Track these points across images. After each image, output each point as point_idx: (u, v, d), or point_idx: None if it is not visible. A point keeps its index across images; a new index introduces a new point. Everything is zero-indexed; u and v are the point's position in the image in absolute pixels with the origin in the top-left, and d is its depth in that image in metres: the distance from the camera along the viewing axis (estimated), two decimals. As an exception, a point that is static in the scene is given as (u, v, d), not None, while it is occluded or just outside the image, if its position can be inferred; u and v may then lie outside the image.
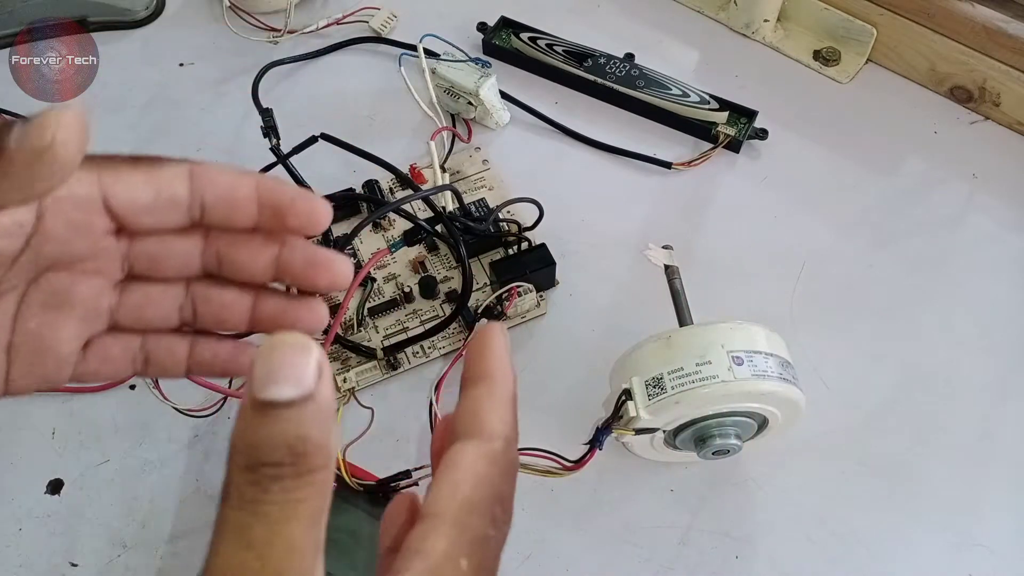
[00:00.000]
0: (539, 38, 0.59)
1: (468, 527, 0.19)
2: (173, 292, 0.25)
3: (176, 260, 0.24)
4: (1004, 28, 0.52)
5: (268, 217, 0.23)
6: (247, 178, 0.23)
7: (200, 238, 0.24)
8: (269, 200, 0.23)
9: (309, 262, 0.24)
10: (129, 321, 0.25)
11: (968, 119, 0.56)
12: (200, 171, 0.23)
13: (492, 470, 0.20)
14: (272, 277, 0.25)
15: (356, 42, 0.61)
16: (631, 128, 0.56)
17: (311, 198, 0.23)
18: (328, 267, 0.24)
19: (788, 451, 0.43)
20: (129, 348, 0.25)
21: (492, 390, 0.22)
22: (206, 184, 0.23)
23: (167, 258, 0.24)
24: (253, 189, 0.23)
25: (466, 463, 0.20)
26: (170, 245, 0.24)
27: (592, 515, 0.42)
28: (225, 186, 0.23)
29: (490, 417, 0.21)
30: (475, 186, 0.53)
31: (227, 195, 0.23)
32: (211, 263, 0.24)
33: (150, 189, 0.22)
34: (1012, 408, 0.45)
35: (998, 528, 0.41)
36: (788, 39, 0.60)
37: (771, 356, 0.37)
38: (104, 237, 0.23)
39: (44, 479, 0.43)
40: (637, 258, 0.48)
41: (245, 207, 0.23)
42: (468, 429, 0.21)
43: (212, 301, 0.25)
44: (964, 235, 0.51)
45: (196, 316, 0.25)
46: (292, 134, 0.48)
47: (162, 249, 0.24)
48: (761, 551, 0.41)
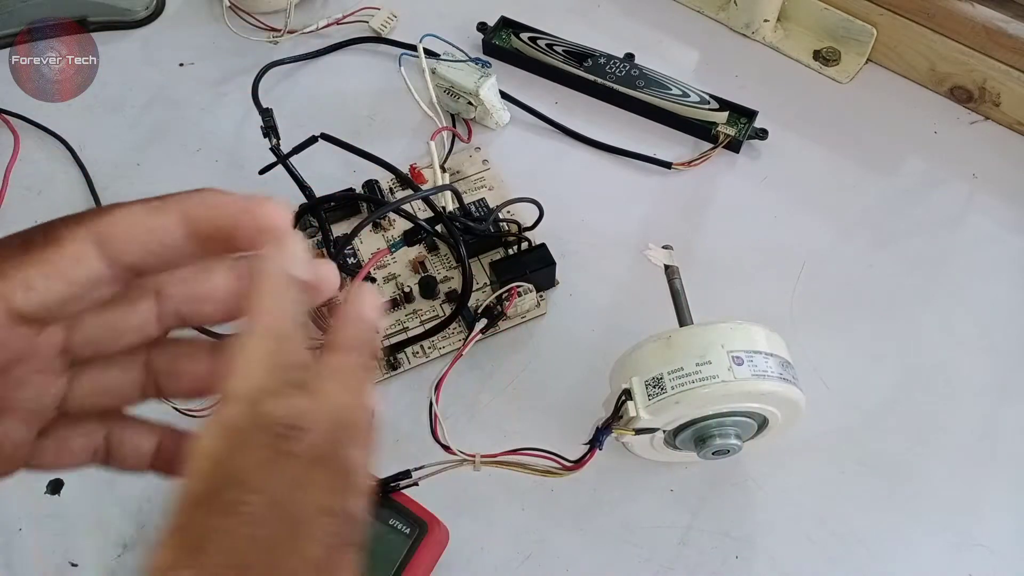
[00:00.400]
0: (539, 38, 0.59)
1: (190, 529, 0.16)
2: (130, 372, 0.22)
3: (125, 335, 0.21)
4: (1004, 28, 0.52)
5: (216, 247, 0.20)
6: (170, 215, 0.19)
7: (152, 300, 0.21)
8: (207, 229, 0.19)
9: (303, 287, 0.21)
10: (83, 407, 0.21)
11: (968, 119, 0.56)
12: (110, 233, 0.19)
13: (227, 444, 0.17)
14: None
15: (356, 42, 0.61)
16: (631, 128, 0.56)
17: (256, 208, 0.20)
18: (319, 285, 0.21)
19: (788, 451, 0.43)
20: (91, 439, 0.22)
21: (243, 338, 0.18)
22: (122, 246, 0.19)
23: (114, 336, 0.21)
24: (181, 225, 0.19)
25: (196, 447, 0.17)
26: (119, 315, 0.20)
27: (592, 515, 0.42)
28: (146, 238, 0.19)
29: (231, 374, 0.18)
30: (475, 186, 0.53)
31: (153, 246, 0.19)
32: (171, 322, 0.21)
33: (57, 283, 0.18)
34: (1012, 408, 0.45)
35: (998, 528, 0.41)
36: (788, 39, 0.60)
37: (771, 356, 0.37)
38: (28, 340, 0.19)
39: (44, 479, 0.43)
40: (637, 258, 0.48)
41: (180, 249, 0.19)
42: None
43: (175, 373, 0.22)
44: (964, 235, 0.51)
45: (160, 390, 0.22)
46: (292, 134, 0.48)
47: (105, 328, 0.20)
48: (761, 551, 0.41)
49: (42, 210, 0.53)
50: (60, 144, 0.56)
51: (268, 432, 0.17)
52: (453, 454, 0.38)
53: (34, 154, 0.55)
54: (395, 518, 0.38)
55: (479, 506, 0.42)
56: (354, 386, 0.20)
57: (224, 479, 0.16)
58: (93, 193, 0.53)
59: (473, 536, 0.41)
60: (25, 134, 0.56)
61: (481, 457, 0.37)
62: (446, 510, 0.39)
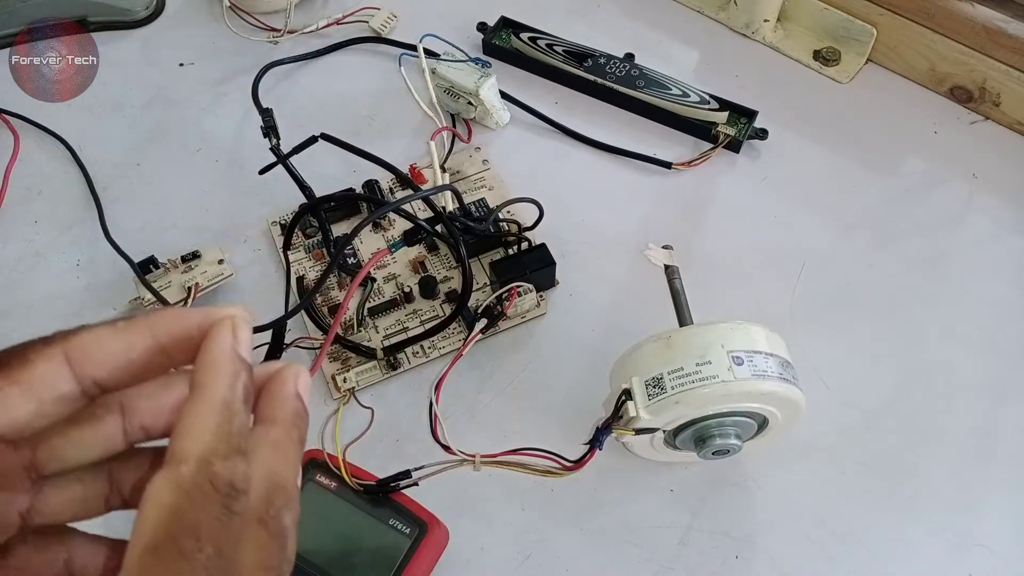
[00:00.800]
0: (539, 38, 0.59)
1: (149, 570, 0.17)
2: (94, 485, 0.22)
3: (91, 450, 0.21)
4: (1004, 28, 0.52)
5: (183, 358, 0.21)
6: (138, 331, 0.20)
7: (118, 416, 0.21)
8: (175, 344, 0.20)
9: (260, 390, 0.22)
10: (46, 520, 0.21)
11: (968, 119, 0.56)
12: (78, 351, 0.20)
13: (181, 499, 0.18)
14: None
15: (356, 42, 0.61)
16: (631, 128, 0.56)
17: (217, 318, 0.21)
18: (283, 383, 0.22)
19: (788, 451, 0.43)
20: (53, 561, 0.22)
21: (192, 403, 0.19)
22: (91, 364, 0.20)
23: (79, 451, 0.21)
24: (149, 340, 0.20)
25: (149, 500, 0.18)
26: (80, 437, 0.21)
27: (592, 515, 0.42)
28: (115, 355, 0.20)
29: (181, 436, 0.19)
30: (475, 186, 0.53)
31: (122, 363, 0.20)
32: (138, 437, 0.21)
33: (28, 402, 0.19)
34: (1012, 408, 0.45)
35: (998, 528, 0.41)
36: (788, 39, 0.60)
37: (771, 356, 0.37)
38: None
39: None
40: (637, 258, 0.48)
41: (149, 363, 0.20)
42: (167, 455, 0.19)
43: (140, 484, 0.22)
44: (964, 235, 0.51)
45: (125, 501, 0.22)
46: (292, 134, 0.48)
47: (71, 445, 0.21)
48: (761, 551, 0.41)
49: (42, 210, 0.53)
50: (60, 144, 0.56)
51: (218, 491, 0.18)
52: (453, 454, 0.38)
53: (34, 154, 0.55)
54: (395, 518, 0.38)
55: (479, 506, 0.42)
56: (287, 456, 0.21)
57: (179, 529, 0.18)
58: (93, 193, 0.53)
59: (473, 536, 0.41)
60: (25, 134, 0.56)
61: (481, 457, 0.37)
62: (446, 510, 0.39)
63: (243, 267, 0.50)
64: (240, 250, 0.51)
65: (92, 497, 0.22)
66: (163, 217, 0.52)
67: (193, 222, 0.52)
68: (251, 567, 0.19)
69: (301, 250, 0.50)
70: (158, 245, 0.49)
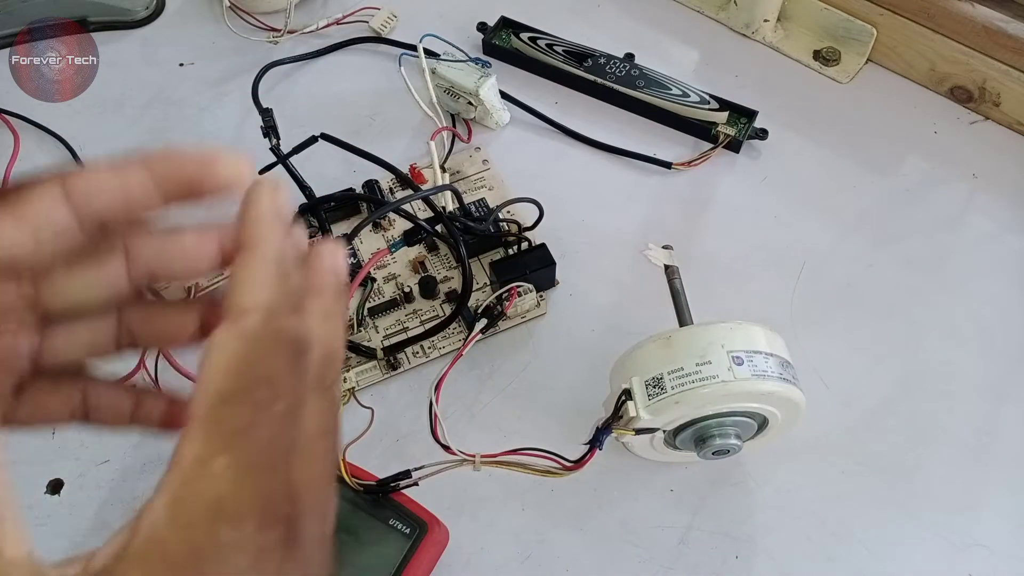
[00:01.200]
0: (539, 38, 0.59)
1: (222, 421, 0.17)
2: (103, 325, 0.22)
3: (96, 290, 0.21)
4: (1004, 28, 0.52)
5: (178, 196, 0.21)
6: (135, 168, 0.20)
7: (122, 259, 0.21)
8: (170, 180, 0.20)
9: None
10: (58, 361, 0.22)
11: (968, 119, 0.56)
12: (76, 183, 0.20)
13: (250, 349, 0.18)
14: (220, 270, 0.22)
15: (356, 42, 0.61)
16: (631, 128, 0.56)
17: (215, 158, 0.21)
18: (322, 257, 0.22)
19: (788, 451, 0.43)
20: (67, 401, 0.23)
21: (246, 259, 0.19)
22: (88, 196, 0.20)
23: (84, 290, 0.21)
24: (146, 177, 0.20)
25: (216, 350, 0.18)
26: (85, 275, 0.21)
27: (592, 515, 0.42)
28: (112, 189, 0.20)
29: (241, 289, 0.19)
30: (475, 186, 0.53)
31: (118, 197, 0.20)
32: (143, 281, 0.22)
33: (24, 231, 0.19)
34: (1012, 408, 0.45)
35: (998, 528, 0.41)
36: (788, 39, 0.60)
37: (771, 356, 0.37)
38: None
39: (44, 479, 0.43)
40: (637, 258, 0.48)
41: (145, 199, 0.20)
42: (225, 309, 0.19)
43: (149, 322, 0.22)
44: (964, 235, 0.51)
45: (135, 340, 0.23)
46: (292, 134, 0.48)
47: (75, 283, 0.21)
48: (761, 551, 0.41)
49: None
50: (60, 144, 0.56)
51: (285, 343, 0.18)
52: (453, 454, 0.38)
53: (34, 154, 0.55)
54: (395, 518, 0.38)
55: (479, 506, 0.42)
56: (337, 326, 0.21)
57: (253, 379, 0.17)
58: (93, 193, 0.53)
59: (473, 536, 0.41)
60: (25, 134, 0.56)
61: (481, 457, 0.37)
62: (446, 510, 0.39)
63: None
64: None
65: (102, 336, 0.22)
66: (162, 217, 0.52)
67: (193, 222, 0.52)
68: (312, 432, 0.18)
69: (301, 250, 0.50)
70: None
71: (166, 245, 0.22)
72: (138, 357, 0.43)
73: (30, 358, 0.21)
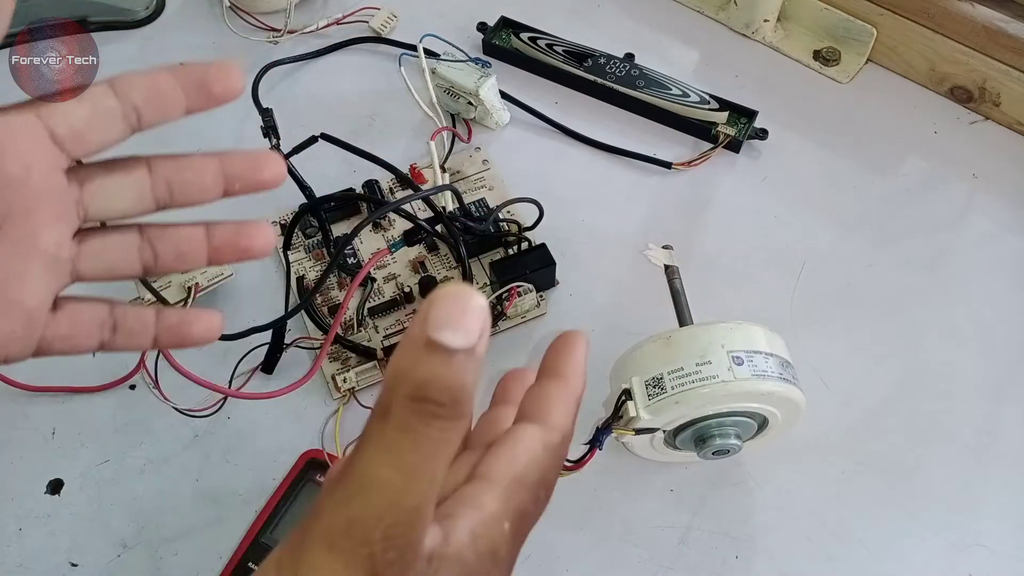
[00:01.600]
0: (539, 38, 0.59)
1: (516, 497, 0.21)
2: (130, 237, 0.27)
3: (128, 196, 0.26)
4: (1004, 28, 0.52)
5: (195, 96, 0.26)
6: (162, 72, 0.25)
7: (146, 171, 0.26)
8: (190, 81, 0.25)
9: (249, 164, 0.27)
10: (92, 271, 0.26)
11: (968, 119, 0.56)
12: (119, 80, 0.25)
13: (545, 456, 0.22)
14: (222, 189, 0.27)
15: (356, 42, 0.61)
16: (631, 128, 0.56)
17: (222, 65, 0.26)
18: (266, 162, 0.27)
19: (788, 451, 0.43)
20: (97, 313, 0.27)
21: (565, 387, 0.24)
22: (129, 89, 0.25)
23: (119, 195, 0.26)
24: (172, 77, 0.25)
25: (525, 443, 0.22)
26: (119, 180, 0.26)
27: (592, 515, 0.42)
28: (146, 84, 0.25)
29: (557, 410, 0.23)
30: (475, 186, 0.53)
31: (152, 91, 0.25)
32: (162, 194, 0.26)
33: (84, 108, 0.25)
34: (1012, 408, 0.45)
35: (998, 528, 0.41)
36: (788, 39, 0.60)
37: (771, 356, 0.37)
38: (56, 173, 0.24)
39: (44, 479, 0.43)
40: (637, 258, 0.48)
41: (172, 96, 0.25)
42: (534, 414, 0.23)
43: (168, 239, 0.27)
44: (964, 235, 0.51)
45: (156, 258, 0.27)
46: (292, 134, 0.48)
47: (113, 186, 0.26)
48: (761, 551, 0.41)
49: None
50: (60, 144, 0.55)
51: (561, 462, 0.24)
52: (453, 454, 0.38)
53: (34, 154, 0.55)
54: (395, 518, 0.38)
55: (479, 506, 0.42)
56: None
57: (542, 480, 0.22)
58: (93, 193, 0.53)
59: (473, 536, 0.41)
60: (25, 134, 0.56)
61: (481, 457, 0.37)
62: (446, 510, 0.39)
63: (243, 267, 0.50)
64: (240, 250, 0.51)
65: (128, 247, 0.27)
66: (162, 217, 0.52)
67: (193, 222, 0.52)
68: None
69: (301, 250, 0.50)
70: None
71: (180, 162, 0.26)
72: (138, 358, 0.43)
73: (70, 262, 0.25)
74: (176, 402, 0.42)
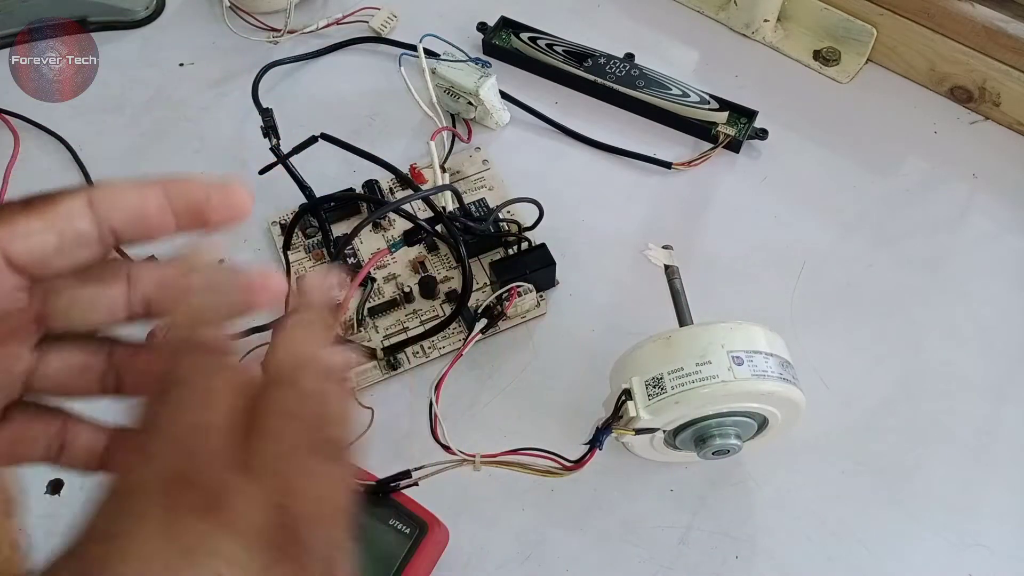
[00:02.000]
0: (539, 38, 0.59)
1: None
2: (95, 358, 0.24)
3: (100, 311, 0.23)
4: (1004, 28, 0.52)
5: (188, 221, 0.22)
6: (153, 188, 0.22)
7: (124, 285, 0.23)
8: (183, 204, 0.22)
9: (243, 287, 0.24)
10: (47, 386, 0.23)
11: (968, 119, 0.56)
12: (100, 197, 0.21)
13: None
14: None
15: (356, 42, 0.61)
16: (631, 128, 0.56)
17: (226, 188, 0.23)
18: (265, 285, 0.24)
19: (788, 451, 0.43)
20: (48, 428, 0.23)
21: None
22: (110, 209, 0.21)
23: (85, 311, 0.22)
24: (163, 198, 0.22)
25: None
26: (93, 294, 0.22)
27: (592, 515, 0.42)
28: (132, 205, 0.22)
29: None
30: (475, 186, 0.53)
31: (136, 213, 0.22)
32: (138, 310, 0.23)
33: (51, 234, 0.21)
34: (1012, 407, 0.45)
35: (998, 528, 0.41)
36: (788, 39, 0.60)
37: (771, 356, 0.37)
38: (13, 295, 0.21)
39: (44, 479, 0.43)
40: (637, 258, 0.48)
41: (160, 219, 0.22)
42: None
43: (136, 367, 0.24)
44: (964, 235, 0.51)
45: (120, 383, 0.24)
46: (292, 134, 0.48)
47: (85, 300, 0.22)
48: (761, 551, 0.41)
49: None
50: (60, 144, 0.55)
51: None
52: (453, 454, 0.38)
53: (34, 154, 0.55)
54: (395, 518, 0.38)
55: (479, 506, 0.42)
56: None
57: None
58: (93, 193, 0.53)
59: (473, 536, 0.41)
60: (25, 134, 0.56)
61: (481, 457, 0.37)
62: (446, 510, 0.39)
63: (242, 267, 0.50)
64: (240, 250, 0.51)
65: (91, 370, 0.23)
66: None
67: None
68: None
69: (301, 250, 0.50)
70: (157, 245, 0.48)
71: (166, 275, 0.23)
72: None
73: (24, 376, 0.22)
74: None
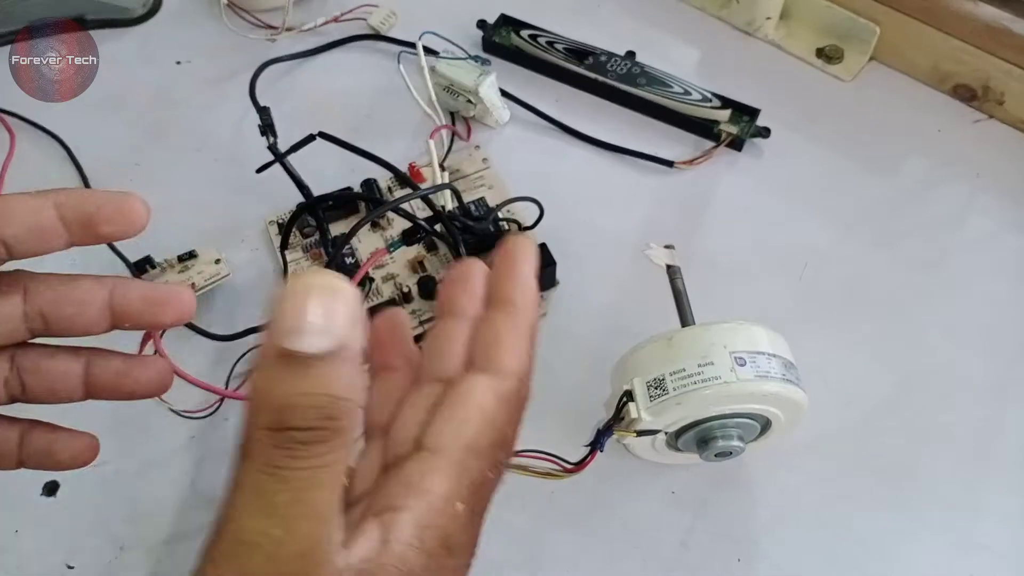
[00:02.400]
0: (539, 35, 0.58)
1: (469, 469, 0.18)
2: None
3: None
4: (1008, 27, 0.52)
5: (80, 232, 0.22)
6: (45, 199, 0.22)
7: (20, 299, 0.22)
8: (74, 215, 0.22)
9: (147, 300, 0.23)
10: None
11: (972, 118, 0.56)
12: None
13: (500, 410, 0.19)
14: (109, 324, 0.23)
15: (355, 40, 0.61)
16: (632, 126, 0.56)
17: (118, 199, 0.22)
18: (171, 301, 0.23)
19: (790, 452, 0.42)
20: None
21: (514, 318, 0.20)
22: (5, 223, 0.21)
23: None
24: (52, 212, 0.21)
25: (475, 400, 0.19)
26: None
27: (593, 517, 0.42)
28: (24, 216, 0.21)
29: (508, 351, 0.20)
30: (474, 185, 0.53)
31: (30, 225, 0.21)
32: (36, 324, 0.23)
33: None
34: (1014, 408, 0.44)
35: (1000, 529, 0.41)
36: (790, 37, 0.60)
37: (774, 357, 0.36)
38: None
39: (40, 481, 0.43)
40: (638, 258, 0.48)
41: (52, 230, 0.22)
42: (482, 360, 0.20)
43: (40, 371, 0.23)
44: (967, 235, 0.51)
45: (25, 389, 0.23)
46: (290, 132, 0.48)
47: None
48: (763, 553, 0.40)
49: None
50: (56, 143, 0.55)
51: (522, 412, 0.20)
52: (452, 456, 0.37)
53: (30, 153, 0.55)
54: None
55: (479, 508, 0.41)
56: None
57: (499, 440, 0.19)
58: (90, 192, 0.53)
59: (473, 538, 0.41)
60: (21, 133, 0.56)
61: (481, 459, 0.37)
62: (445, 512, 0.39)
63: (240, 267, 0.49)
64: (237, 250, 0.50)
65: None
66: (160, 216, 0.52)
67: (190, 221, 0.51)
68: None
69: (299, 250, 0.50)
70: (154, 244, 0.48)
71: (63, 291, 0.23)
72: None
73: None
74: (172, 403, 0.42)
